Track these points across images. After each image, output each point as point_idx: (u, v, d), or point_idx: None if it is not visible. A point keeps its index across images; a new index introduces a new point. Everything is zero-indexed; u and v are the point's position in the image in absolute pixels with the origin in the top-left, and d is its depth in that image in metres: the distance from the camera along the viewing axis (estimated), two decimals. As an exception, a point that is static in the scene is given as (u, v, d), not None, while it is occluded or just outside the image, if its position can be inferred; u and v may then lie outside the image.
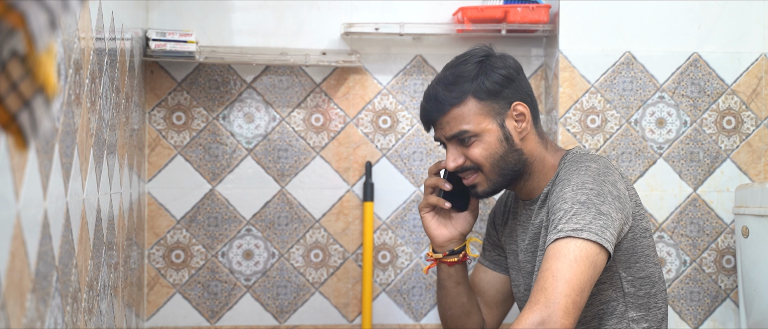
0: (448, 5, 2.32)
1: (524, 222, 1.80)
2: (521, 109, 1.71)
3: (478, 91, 1.69)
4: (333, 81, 2.33)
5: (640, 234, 1.67)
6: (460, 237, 1.86)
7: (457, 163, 1.72)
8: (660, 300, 1.72)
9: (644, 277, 1.69)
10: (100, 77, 1.58)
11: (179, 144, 2.30)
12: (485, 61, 1.72)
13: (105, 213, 1.63)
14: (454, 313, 1.91)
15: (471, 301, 1.91)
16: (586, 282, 1.48)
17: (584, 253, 1.48)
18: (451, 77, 1.72)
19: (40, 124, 0.75)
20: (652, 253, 1.70)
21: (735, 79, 2.27)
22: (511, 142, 1.70)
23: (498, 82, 1.70)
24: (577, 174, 1.60)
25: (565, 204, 1.55)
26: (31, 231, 1.08)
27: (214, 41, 2.29)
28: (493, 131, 1.69)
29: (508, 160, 1.70)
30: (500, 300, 1.95)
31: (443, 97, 1.71)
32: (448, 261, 1.86)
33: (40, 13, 0.70)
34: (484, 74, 1.70)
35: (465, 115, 1.69)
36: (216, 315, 2.33)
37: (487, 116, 1.69)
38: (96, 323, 1.54)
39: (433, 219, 1.86)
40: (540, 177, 1.74)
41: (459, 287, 1.89)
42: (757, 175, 2.27)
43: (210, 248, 2.32)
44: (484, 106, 1.69)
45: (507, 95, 1.70)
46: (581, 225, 1.50)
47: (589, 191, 1.56)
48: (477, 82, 1.69)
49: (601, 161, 1.65)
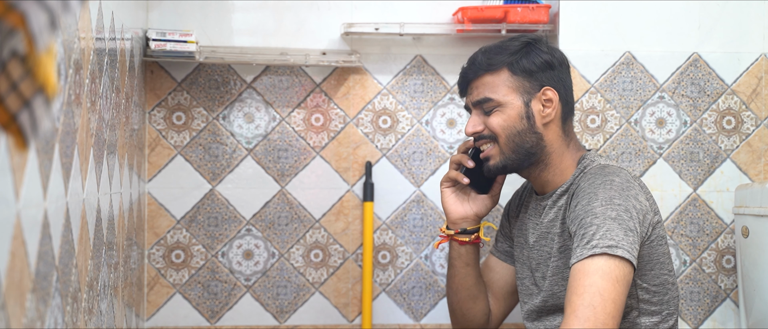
0: (448, 5, 2.32)
1: (534, 218, 1.80)
2: (550, 95, 1.73)
3: (514, 65, 1.73)
4: (333, 81, 2.33)
5: (657, 242, 1.67)
6: (474, 218, 1.88)
7: (476, 129, 1.76)
8: (672, 306, 1.73)
9: (658, 284, 1.69)
10: (100, 77, 1.58)
11: (179, 144, 2.30)
12: (532, 43, 1.76)
13: (105, 213, 1.63)
14: (461, 296, 1.92)
15: (479, 287, 1.92)
16: (623, 302, 1.51)
17: (622, 273, 1.51)
18: (495, 47, 1.77)
19: (40, 124, 0.75)
20: (667, 261, 1.71)
21: (735, 79, 2.27)
22: (532, 123, 1.72)
23: (536, 64, 1.74)
24: (603, 188, 1.61)
25: (596, 219, 1.55)
26: (31, 231, 1.08)
27: (214, 41, 2.29)
28: (517, 106, 1.72)
29: (526, 138, 1.72)
30: (508, 292, 1.95)
31: (480, 61, 1.75)
32: (459, 239, 1.88)
33: (40, 13, 0.70)
34: (525, 53, 1.74)
35: (495, 84, 1.73)
36: (216, 315, 2.33)
37: (515, 91, 1.73)
38: (96, 323, 1.54)
39: (451, 195, 1.89)
40: (556, 172, 1.75)
41: (468, 268, 1.89)
42: (757, 175, 2.27)
43: (210, 248, 2.32)
44: (516, 80, 1.73)
45: (541, 79, 1.74)
46: (616, 242, 1.52)
47: (618, 207, 1.56)
48: (516, 57, 1.74)
49: (622, 174, 1.65)
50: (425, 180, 2.34)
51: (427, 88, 2.34)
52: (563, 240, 1.70)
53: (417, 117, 2.34)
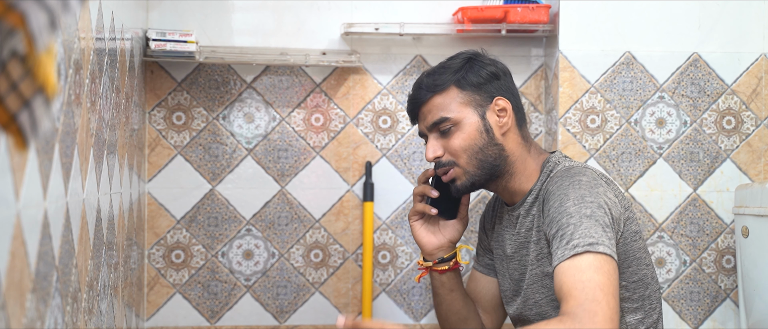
0: (448, 5, 2.32)
1: (510, 228, 1.79)
2: (503, 104, 1.72)
3: (461, 81, 1.72)
4: (333, 81, 2.33)
5: (631, 237, 1.67)
6: (449, 245, 1.86)
7: (436, 154, 1.73)
8: (654, 301, 1.73)
9: (637, 280, 1.69)
10: (100, 77, 1.58)
11: (179, 144, 2.30)
12: (473, 58, 1.76)
13: (105, 213, 1.63)
14: (452, 321, 1.91)
15: (467, 308, 1.91)
16: (618, 296, 1.51)
17: (612, 267, 1.50)
18: (438, 68, 1.76)
19: (40, 124, 0.75)
20: (643, 255, 1.70)
21: (735, 79, 2.27)
22: (492, 135, 1.71)
23: (482, 76, 1.73)
24: (572, 188, 1.60)
25: (572, 218, 1.55)
26: (31, 231, 1.08)
27: (214, 41, 2.29)
28: (474, 122, 1.71)
29: (488, 152, 1.71)
30: (497, 305, 1.95)
31: (426, 84, 1.74)
32: (438, 269, 1.86)
33: (40, 13, 0.70)
34: (469, 68, 1.73)
35: (446, 104, 1.72)
36: (216, 315, 2.33)
37: (468, 106, 1.71)
38: (96, 323, 1.54)
39: (421, 227, 1.86)
40: (521, 179, 1.74)
41: (452, 294, 1.88)
42: (757, 175, 2.27)
43: (210, 248, 2.32)
44: (466, 95, 1.71)
45: (490, 90, 1.72)
46: (595, 239, 1.51)
47: (591, 204, 1.56)
48: (461, 73, 1.72)
49: (588, 173, 1.65)
50: (425, 180, 2.34)
51: (427, 88, 2.34)
52: (540, 247, 1.69)
53: (417, 117, 2.34)
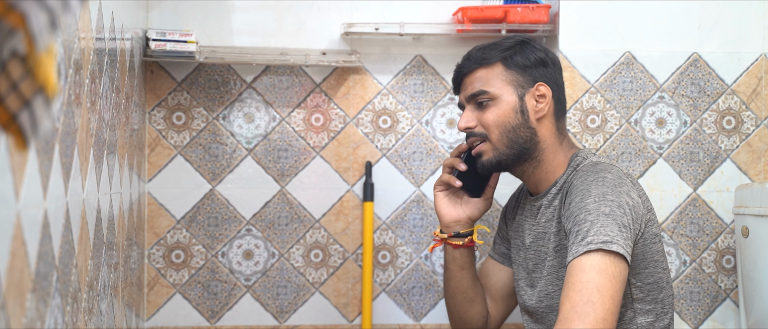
0: (448, 5, 2.32)
1: (530, 219, 1.80)
2: (544, 90, 1.75)
3: (508, 59, 1.76)
4: (333, 81, 2.33)
5: (651, 240, 1.67)
6: (467, 221, 1.88)
7: (468, 124, 1.76)
8: (667, 305, 1.73)
9: (653, 283, 1.69)
10: (100, 77, 1.58)
11: (179, 144, 2.30)
12: (526, 42, 1.79)
13: (105, 213, 1.63)
14: (457, 300, 1.92)
15: (475, 289, 1.92)
16: (620, 298, 1.52)
17: (618, 269, 1.51)
18: (490, 44, 1.80)
19: (40, 124, 0.75)
20: (661, 259, 1.71)
21: (735, 79, 2.27)
22: (527, 118, 1.73)
23: (530, 60, 1.76)
24: (595, 184, 1.61)
25: (590, 215, 1.55)
26: (31, 231, 1.08)
27: (214, 41, 2.29)
28: (511, 101, 1.74)
29: (520, 133, 1.73)
30: (507, 294, 1.95)
31: (475, 56, 1.78)
32: (452, 243, 1.88)
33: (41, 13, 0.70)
34: (519, 49, 1.77)
35: (489, 78, 1.75)
36: (216, 315, 2.33)
37: (509, 84, 1.74)
38: (96, 323, 1.54)
39: (444, 198, 1.89)
40: (548, 169, 1.75)
41: (463, 272, 1.90)
42: (757, 175, 2.27)
43: (210, 248, 2.32)
44: (510, 74, 1.75)
45: (534, 74, 1.75)
46: (610, 238, 1.52)
47: (611, 202, 1.56)
48: (509, 52, 1.76)
49: (614, 171, 1.65)
50: (425, 181, 2.34)
51: (427, 88, 2.34)
52: (559, 239, 1.70)
53: (417, 117, 2.34)
